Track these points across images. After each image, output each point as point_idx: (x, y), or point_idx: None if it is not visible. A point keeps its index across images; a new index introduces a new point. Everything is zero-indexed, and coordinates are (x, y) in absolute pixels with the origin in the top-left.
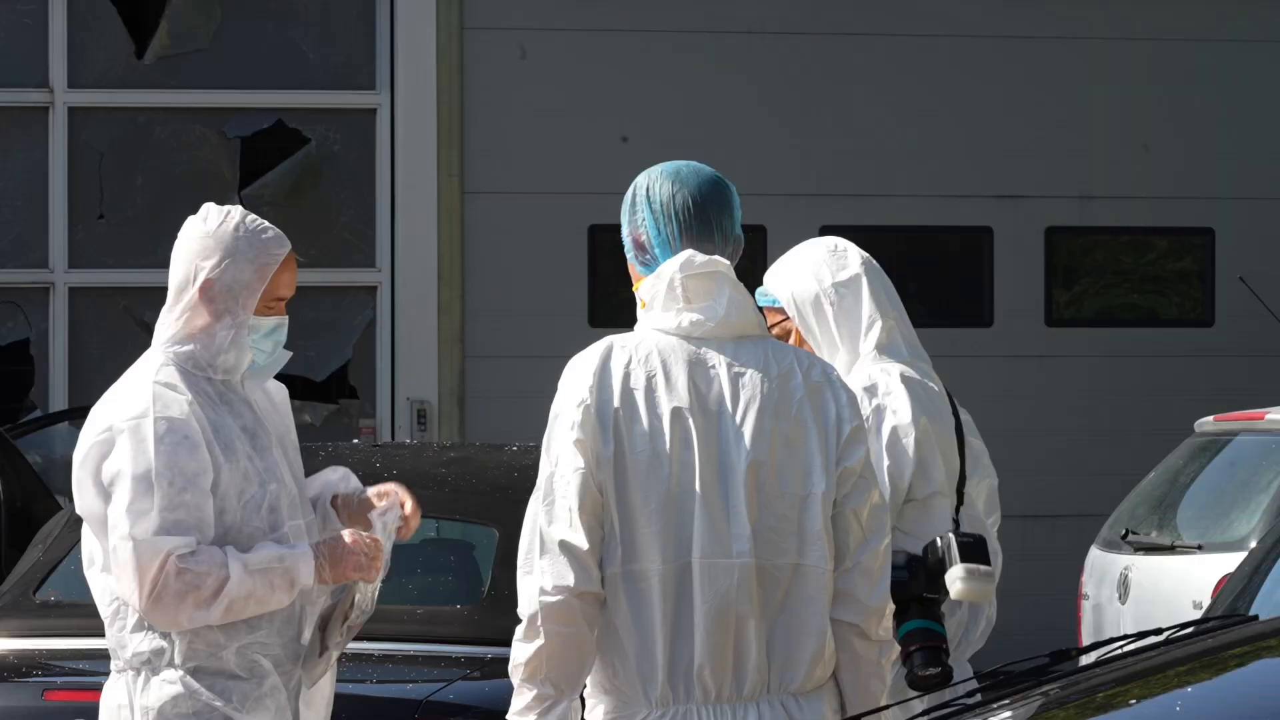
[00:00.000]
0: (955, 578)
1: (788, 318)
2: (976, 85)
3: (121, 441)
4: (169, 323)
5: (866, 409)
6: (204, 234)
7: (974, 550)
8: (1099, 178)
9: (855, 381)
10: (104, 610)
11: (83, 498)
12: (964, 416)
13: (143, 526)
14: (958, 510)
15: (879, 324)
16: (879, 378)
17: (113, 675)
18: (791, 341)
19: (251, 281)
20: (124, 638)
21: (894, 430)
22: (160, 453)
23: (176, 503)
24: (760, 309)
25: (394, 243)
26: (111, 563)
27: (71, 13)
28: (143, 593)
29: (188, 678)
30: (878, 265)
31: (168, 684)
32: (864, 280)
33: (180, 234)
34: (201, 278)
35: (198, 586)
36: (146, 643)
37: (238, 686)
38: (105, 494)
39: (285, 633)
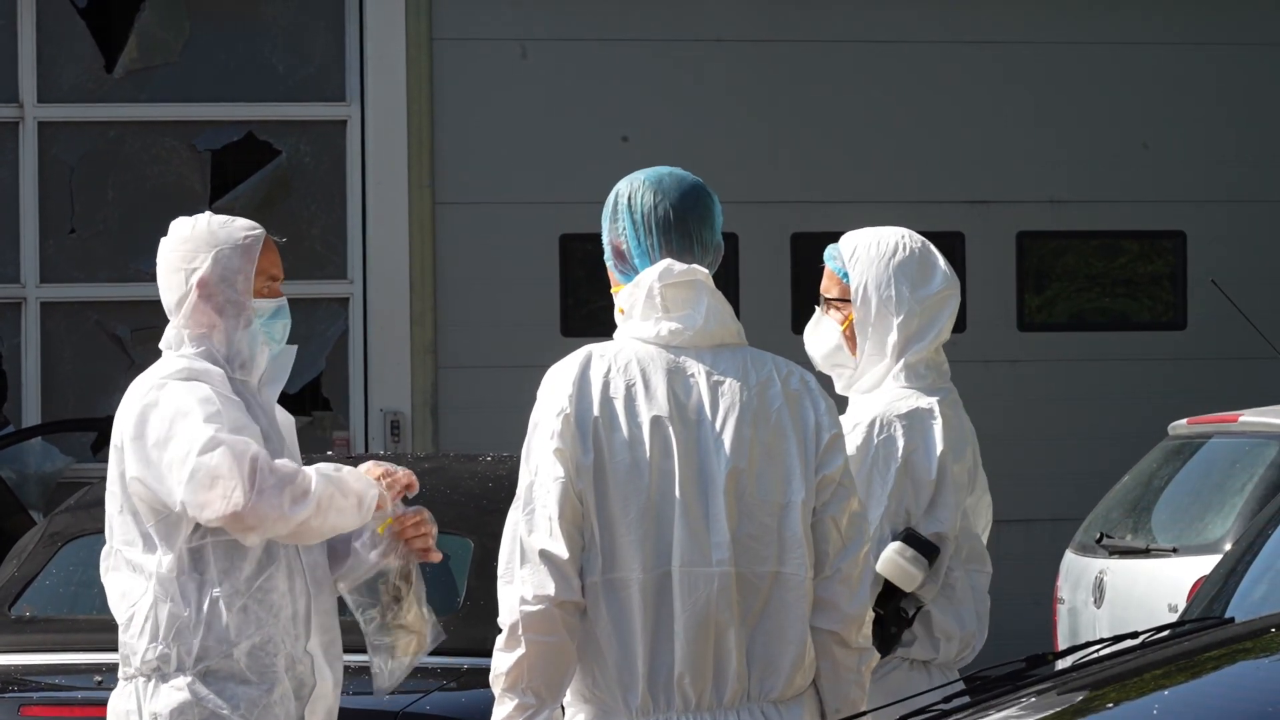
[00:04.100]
0: (889, 549)
1: (846, 300)
2: (947, 91)
3: (167, 392)
4: (175, 333)
5: (900, 438)
6: (182, 240)
7: (914, 541)
8: (1069, 182)
9: (883, 403)
10: (119, 615)
11: (134, 459)
12: (971, 426)
13: (224, 432)
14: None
15: (924, 347)
16: (917, 404)
17: (120, 683)
18: (843, 326)
19: (243, 265)
20: (135, 644)
21: (917, 465)
22: (211, 392)
23: (240, 424)
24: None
25: (365, 254)
26: (191, 489)
27: (41, 27)
28: (245, 488)
29: (196, 684)
30: (955, 280)
31: (176, 691)
32: (941, 302)
33: (158, 254)
34: (195, 278)
35: (291, 480)
36: (156, 649)
37: (246, 693)
38: (160, 444)
39: (293, 630)
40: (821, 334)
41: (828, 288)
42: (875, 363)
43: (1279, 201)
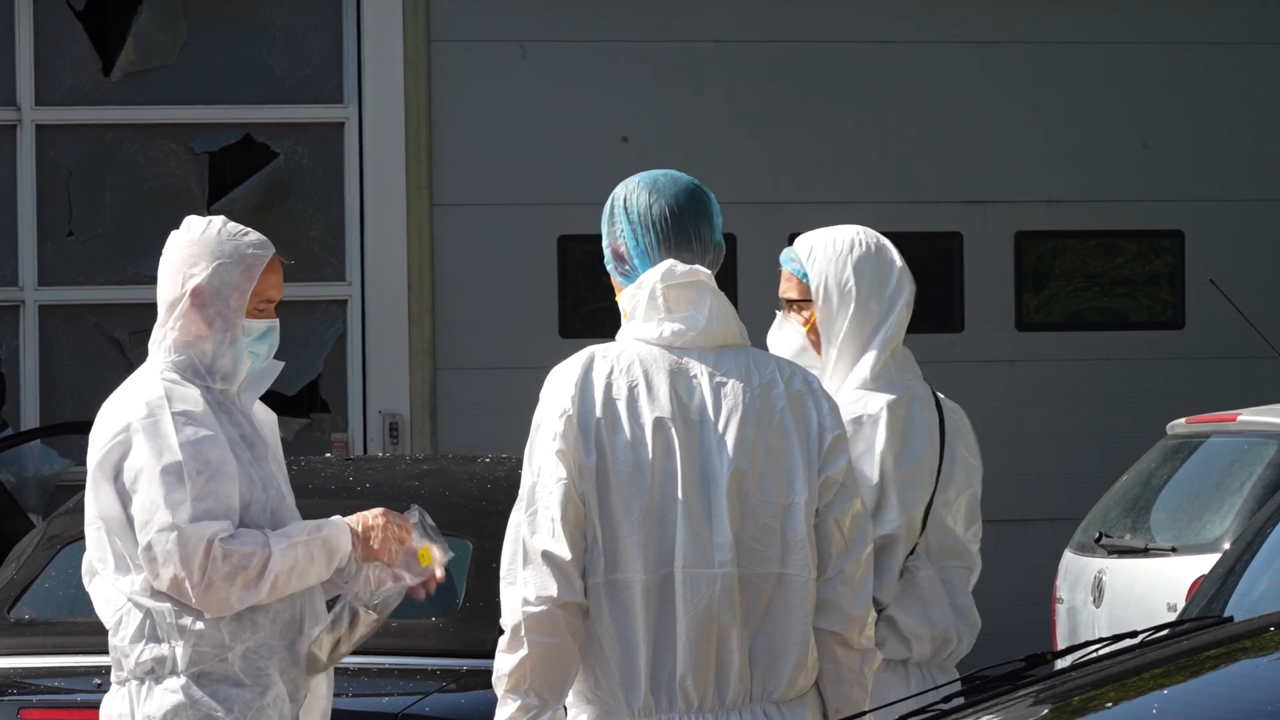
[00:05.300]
0: None
1: (807, 300)
2: (944, 91)
3: (140, 440)
4: (163, 335)
5: None
6: (188, 243)
7: None
8: (1067, 182)
9: (839, 404)
10: (107, 620)
11: (100, 500)
12: (954, 423)
13: (182, 515)
14: (913, 549)
15: (887, 350)
16: (862, 409)
17: (114, 687)
18: (805, 327)
19: (240, 283)
20: (126, 647)
21: (858, 471)
22: (183, 444)
23: (206, 491)
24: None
25: (364, 256)
26: (145, 559)
27: (38, 30)
28: (194, 580)
29: (191, 687)
30: (909, 277)
31: (170, 693)
32: (900, 300)
33: (164, 250)
34: (190, 285)
35: (245, 566)
36: (149, 651)
37: (240, 696)
38: (125, 494)
39: (288, 634)
40: (785, 337)
41: (786, 290)
42: (843, 361)
43: (1277, 201)
